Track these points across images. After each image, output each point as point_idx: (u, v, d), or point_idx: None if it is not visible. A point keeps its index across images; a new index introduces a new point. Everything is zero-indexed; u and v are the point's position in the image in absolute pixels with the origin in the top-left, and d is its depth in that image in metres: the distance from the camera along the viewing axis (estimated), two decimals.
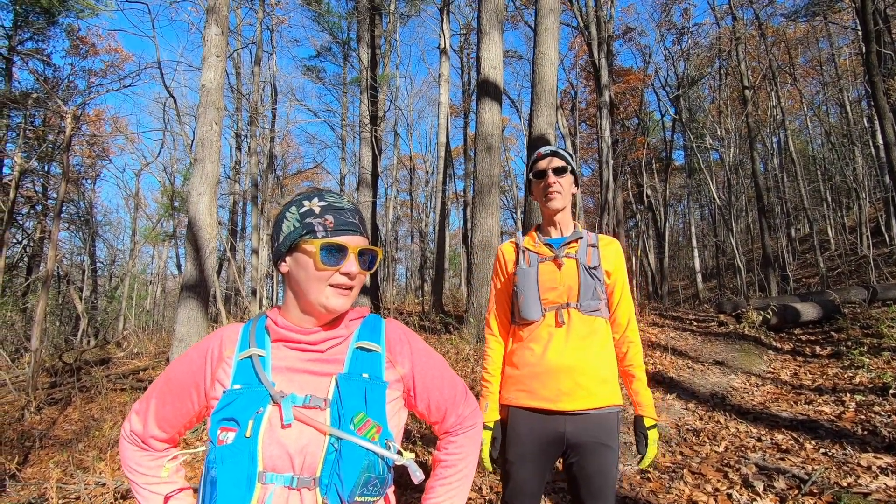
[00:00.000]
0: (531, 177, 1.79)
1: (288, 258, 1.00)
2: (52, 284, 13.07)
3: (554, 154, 1.75)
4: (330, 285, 0.97)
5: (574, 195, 1.80)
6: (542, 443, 1.61)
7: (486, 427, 1.67)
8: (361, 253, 0.99)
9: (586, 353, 1.63)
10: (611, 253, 1.74)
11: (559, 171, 1.72)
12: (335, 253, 0.96)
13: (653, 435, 1.69)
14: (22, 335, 11.33)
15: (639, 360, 1.75)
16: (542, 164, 1.75)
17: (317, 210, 0.99)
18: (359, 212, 1.04)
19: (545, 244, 1.74)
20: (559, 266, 1.68)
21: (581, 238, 1.73)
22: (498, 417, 1.71)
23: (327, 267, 0.95)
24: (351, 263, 0.97)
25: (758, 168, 17.00)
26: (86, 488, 3.50)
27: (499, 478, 1.79)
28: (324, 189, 1.06)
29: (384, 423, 0.95)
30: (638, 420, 1.71)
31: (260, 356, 0.99)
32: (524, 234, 1.85)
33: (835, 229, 20.23)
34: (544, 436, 1.61)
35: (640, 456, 1.71)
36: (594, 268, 1.68)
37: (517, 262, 1.75)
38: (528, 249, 1.76)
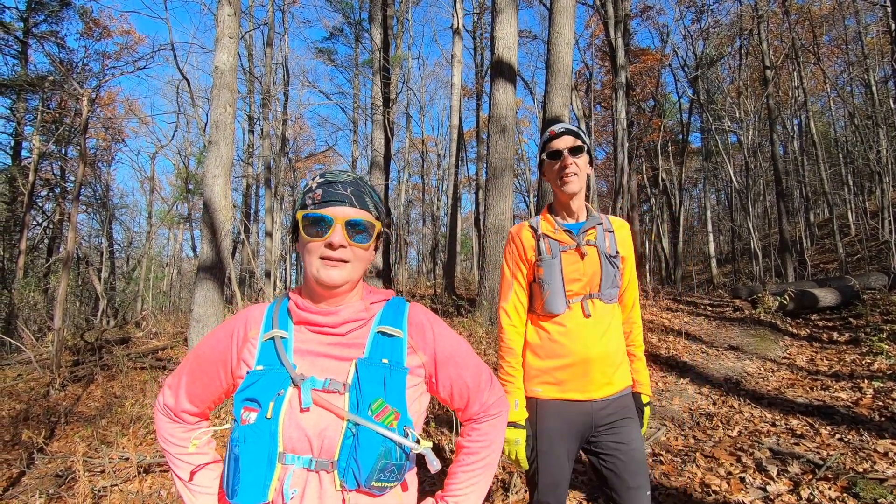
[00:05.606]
0: (544, 157, 1.68)
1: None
2: (72, 266, 13.33)
3: (569, 132, 1.64)
4: (320, 258, 0.96)
5: (588, 176, 1.69)
6: (572, 431, 1.61)
7: (518, 426, 1.61)
8: (353, 225, 0.97)
9: (610, 342, 1.63)
10: (624, 237, 1.71)
11: (575, 152, 1.61)
12: (319, 224, 0.96)
13: (647, 410, 1.78)
14: (44, 314, 11.63)
15: (640, 340, 1.80)
16: (558, 143, 1.63)
17: (314, 185, 1.00)
18: (357, 184, 1.02)
19: (564, 230, 1.65)
20: (582, 256, 1.62)
21: (600, 224, 1.67)
22: (527, 415, 1.65)
23: (311, 238, 0.96)
24: (335, 234, 0.95)
25: (777, 151, 16.57)
26: (110, 462, 3.62)
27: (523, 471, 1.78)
28: (336, 168, 1.07)
29: (403, 410, 0.94)
30: (636, 396, 1.76)
31: (283, 338, 1.00)
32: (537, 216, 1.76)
33: (855, 214, 19.75)
34: (574, 424, 1.61)
35: None
36: (614, 256, 1.65)
37: (537, 249, 1.66)
38: (548, 236, 1.66)
